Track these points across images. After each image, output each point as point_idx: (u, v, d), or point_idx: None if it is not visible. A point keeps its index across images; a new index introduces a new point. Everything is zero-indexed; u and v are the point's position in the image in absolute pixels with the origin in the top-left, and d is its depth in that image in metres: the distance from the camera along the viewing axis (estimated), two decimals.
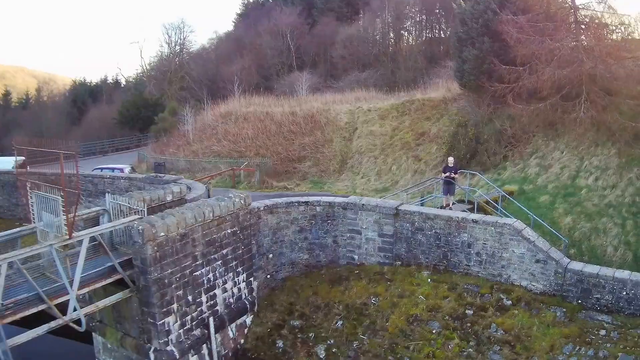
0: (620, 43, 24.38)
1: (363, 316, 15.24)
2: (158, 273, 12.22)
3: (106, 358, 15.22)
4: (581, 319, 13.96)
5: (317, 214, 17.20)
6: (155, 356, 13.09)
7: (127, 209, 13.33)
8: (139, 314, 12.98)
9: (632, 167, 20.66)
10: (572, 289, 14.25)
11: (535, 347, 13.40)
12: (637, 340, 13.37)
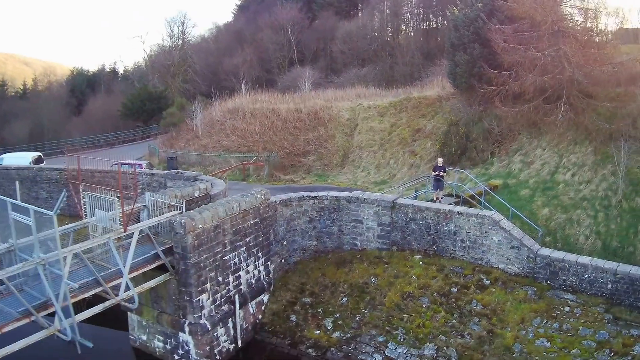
0: (599, 50, 26.75)
1: (364, 293, 17.87)
2: (196, 258, 14.73)
3: (140, 335, 17.72)
4: (549, 297, 16.50)
5: (324, 206, 19.76)
6: (190, 329, 15.62)
7: (164, 204, 15.74)
8: (176, 294, 15.47)
9: (606, 164, 22.92)
10: (541, 271, 16.81)
11: (509, 319, 15.98)
12: (596, 316, 15.90)
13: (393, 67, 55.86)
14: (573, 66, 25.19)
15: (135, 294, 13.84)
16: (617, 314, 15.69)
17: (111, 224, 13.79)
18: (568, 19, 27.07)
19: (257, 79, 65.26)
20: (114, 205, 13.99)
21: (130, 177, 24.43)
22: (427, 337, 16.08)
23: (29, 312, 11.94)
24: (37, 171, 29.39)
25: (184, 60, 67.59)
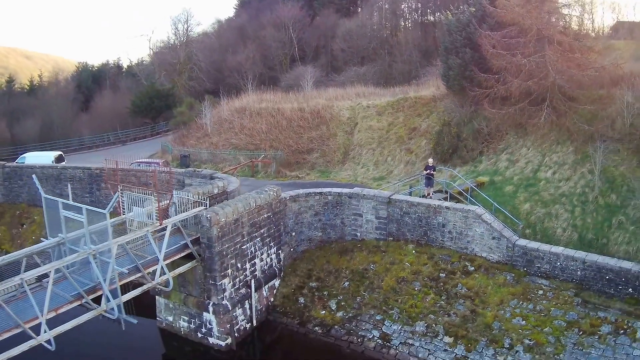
0: (582, 55, 28.86)
1: (364, 278, 20.30)
2: (220, 247, 17.09)
3: (167, 316, 20.11)
4: (525, 282, 18.87)
5: (328, 201, 22.14)
6: (214, 309, 18.00)
7: (189, 201, 18.03)
8: (202, 278, 17.84)
9: (585, 162, 25.10)
10: (519, 259, 19.17)
11: (490, 301, 18.37)
12: (567, 299, 18.23)
13: (392, 65, 57.81)
14: (556, 72, 27.45)
15: (170, 278, 16.20)
16: (585, 298, 17.99)
17: (146, 219, 16.06)
18: (553, 26, 29.11)
19: (259, 76, 67.21)
20: (145, 203, 16.29)
21: (150, 175, 26.74)
22: (419, 315, 18.52)
23: (80, 296, 14.26)
24: (61, 170, 31.48)
25: (189, 59, 69.44)
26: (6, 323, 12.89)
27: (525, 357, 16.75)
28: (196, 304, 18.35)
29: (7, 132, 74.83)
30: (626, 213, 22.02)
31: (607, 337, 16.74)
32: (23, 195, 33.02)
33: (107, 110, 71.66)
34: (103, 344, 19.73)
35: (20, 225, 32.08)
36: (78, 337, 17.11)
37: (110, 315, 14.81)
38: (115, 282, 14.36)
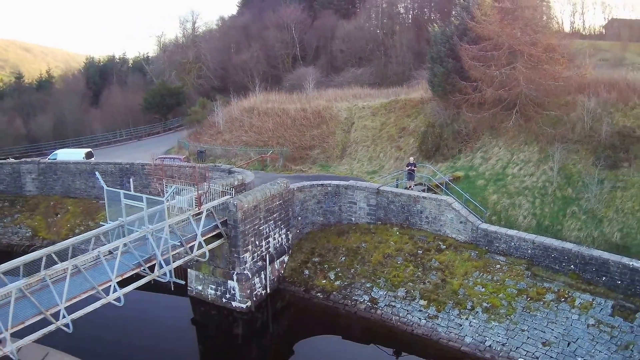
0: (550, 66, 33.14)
1: (357, 254, 24.93)
2: (243, 227, 21.66)
3: (197, 286, 24.66)
4: (486, 257, 23.41)
5: (329, 191, 26.75)
6: (237, 277, 22.58)
7: (216, 191, 22.50)
8: (228, 253, 22.39)
9: (547, 161, 29.42)
10: (481, 240, 23.73)
11: (456, 272, 22.95)
12: (519, 272, 22.61)
13: (387, 65, 62.15)
14: (526, 81, 31.86)
15: (207, 250, 20.76)
16: (534, 272, 22.45)
17: (186, 205, 20.51)
18: (524, 41, 33.39)
19: (263, 74, 71.49)
20: (182, 192, 20.75)
21: (175, 169, 31.22)
22: (400, 283, 23.16)
23: (139, 264, 18.75)
24: (93, 165, 35.33)
25: (198, 58, 73.60)
26: (84, 286, 17.26)
27: (483, 317, 21.33)
28: (222, 274, 22.91)
29: (23, 128, 77.18)
30: (579, 204, 26.39)
31: (551, 303, 21.09)
32: (57, 188, 36.61)
33: (119, 107, 74.90)
34: (142, 311, 24.30)
35: (55, 214, 35.50)
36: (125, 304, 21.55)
37: (161, 279, 19.32)
38: (167, 253, 18.88)
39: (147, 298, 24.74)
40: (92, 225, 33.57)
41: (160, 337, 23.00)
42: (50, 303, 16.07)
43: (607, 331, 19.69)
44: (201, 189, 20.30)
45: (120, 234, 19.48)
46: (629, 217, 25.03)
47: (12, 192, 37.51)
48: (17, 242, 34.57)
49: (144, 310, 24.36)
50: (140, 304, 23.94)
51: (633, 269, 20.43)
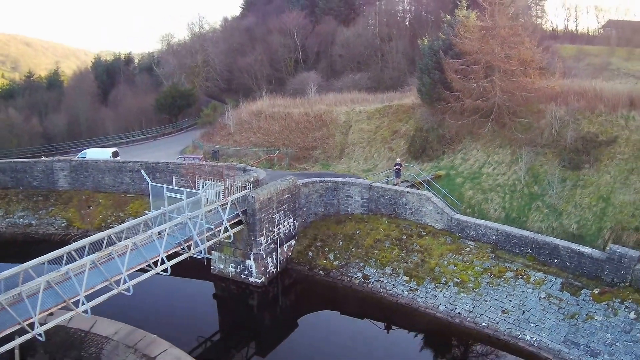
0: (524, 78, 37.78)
1: (352, 239, 29.91)
2: (259, 216, 26.57)
3: (219, 265, 29.54)
4: (458, 242, 28.26)
5: (329, 187, 31.68)
6: (254, 257, 27.49)
7: (237, 186, 27.35)
8: (247, 237, 27.29)
9: (518, 162, 34.03)
10: (455, 228, 28.64)
11: (434, 254, 27.85)
12: (485, 254, 27.21)
13: (383, 70, 66.85)
14: (502, 92, 36.62)
15: (232, 234, 25.68)
16: (497, 254, 27.20)
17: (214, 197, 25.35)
18: (499, 58, 38.09)
19: (267, 76, 76.21)
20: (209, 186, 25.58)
21: (197, 167, 36.02)
22: (387, 263, 28.12)
23: (179, 243, 23.61)
24: (122, 163, 39.83)
25: (205, 62, 78.29)
26: (139, 259, 22.07)
27: (454, 290, 26.21)
28: (242, 254, 27.84)
29: (40, 127, 79.96)
30: (543, 200, 31.15)
31: (510, 279, 25.82)
32: (87, 183, 40.84)
33: (132, 107, 78.21)
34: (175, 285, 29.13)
35: (87, 207, 39.67)
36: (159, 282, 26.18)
37: (197, 255, 24.22)
38: (202, 235, 23.81)
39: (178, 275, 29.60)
40: (122, 216, 38.48)
41: (188, 307, 27.81)
42: (114, 272, 20.89)
43: (556, 303, 24.16)
44: (226, 185, 25.15)
45: (162, 220, 24.31)
46: (586, 211, 29.62)
47: (46, 187, 41.68)
48: (54, 232, 38.78)
49: (176, 285, 29.15)
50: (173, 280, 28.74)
51: (579, 253, 24.84)
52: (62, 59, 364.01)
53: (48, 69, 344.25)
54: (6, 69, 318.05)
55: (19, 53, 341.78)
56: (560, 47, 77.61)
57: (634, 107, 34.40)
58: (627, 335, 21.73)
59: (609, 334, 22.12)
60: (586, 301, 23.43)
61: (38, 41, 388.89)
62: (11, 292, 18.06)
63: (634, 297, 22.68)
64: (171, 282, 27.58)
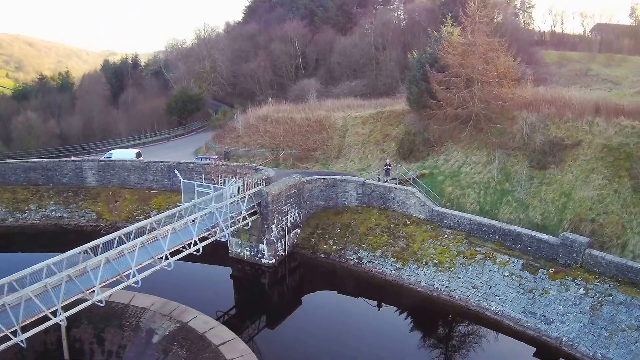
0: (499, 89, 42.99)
1: (349, 227, 35.35)
2: (271, 207, 31.96)
3: (236, 249, 34.87)
4: (438, 230, 33.62)
5: (329, 183, 37.10)
6: (266, 241, 32.86)
7: (251, 182, 32.69)
8: (260, 225, 32.64)
9: (492, 163, 39.17)
10: (435, 218, 34.05)
11: (416, 239, 33.26)
12: (460, 240, 32.57)
13: (377, 77, 72.04)
14: (480, 102, 41.96)
15: (250, 222, 31.02)
16: (470, 240, 32.52)
17: (234, 191, 30.65)
18: (478, 71, 43.37)
19: (270, 82, 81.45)
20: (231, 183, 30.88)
21: (213, 166, 41.27)
22: (378, 247, 33.55)
23: (208, 229, 28.90)
24: (146, 163, 44.72)
25: (213, 68, 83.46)
26: (176, 242, 27.27)
27: (433, 269, 31.55)
28: (256, 239, 33.19)
29: (57, 128, 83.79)
30: (513, 195, 36.43)
31: (480, 260, 31.10)
32: (114, 180, 45.28)
33: (144, 110, 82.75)
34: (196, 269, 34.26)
35: (115, 201, 44.12)
36: (185, 264, 31.19)
37: (221, 239, 29.57)
38: (226, 222, 29.16)
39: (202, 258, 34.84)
40: (146, 209, 43.50)
41: (209, 285, 33.18)
42: (158, 251, 26.11)
43: (517, 280, 29.24)
44: (244, 181, 30.52)
45: (192, 210, 29.56)
46: (549, 205, 34.80)
47: (75, 184, 45.98)
48: (85, 224, 43.08)
49: (199, 267, 34.17)
50: (197, 263, 33.92)
51: (538, 239, 29.91)
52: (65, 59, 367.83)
53: (51, 68, 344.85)
54: (10, 68, 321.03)
55: (22, 53, 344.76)
56: (544, 53, 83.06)
57: (599, 114, 39.25)
58: (577, 307, 26.49)
59: (561, 306, 26.90)
60: (542, 279, 28.35)
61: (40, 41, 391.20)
62: (77, 267, 22.91)
63: (583, 276, 27.35)
64: (195, 264, 32.54)
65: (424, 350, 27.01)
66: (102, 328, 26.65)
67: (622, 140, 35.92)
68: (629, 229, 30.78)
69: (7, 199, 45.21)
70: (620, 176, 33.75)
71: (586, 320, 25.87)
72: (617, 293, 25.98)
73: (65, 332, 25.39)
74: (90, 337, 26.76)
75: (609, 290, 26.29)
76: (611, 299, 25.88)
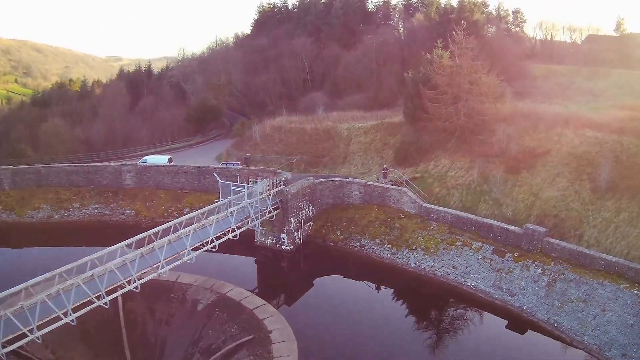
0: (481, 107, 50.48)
1: (353, 220, 43.03)
2: (291, 203, 39.63)
3: (260, 238, 42.32)
4: (426, 222, 41.00)
5: (336, 184, 44.85)
6: (286, 231, 40.45)
7: (273, 183, 40.26)
8: (281, 217, 40.23)
9: (474, 168, 46.55)
10: (424, 212, 41.55)
11: (408, 230, 40.79)
12: (443, 230, 39.82)
13: (378, 91, 78.91)
14: (464, 116, 49.51)
15: (274, 214, 38.61)
16: (452, 230, 39.69)
17: (261, 190, 38.21)
18: (464, 90, 50.84)
19: (279, 93, 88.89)
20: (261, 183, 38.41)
21: (237, 170, 48.83)
22: (377, 236, 41.16)
23: (243, 220, 36.39)
24: (179, 167, 51.81)
25: (228, 81, 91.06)
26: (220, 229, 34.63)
27: (421, 253, 38.95)
28: (277, 230, 40.71)
29: (83, 134, 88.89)
30: (490, 195, 43.40)
31: (459, 247, 38.35)
32: (150, 182, 51.07)
33: (164, 118, 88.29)
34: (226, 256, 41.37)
35: (151, 200, 49.93)
36: (217, 252, 38.72)
37: (253, 228, 37.21)
38: (257, 213, 36.77)
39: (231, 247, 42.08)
40: (179, 207, 50.56)
41: (237, 268, 40.47)
42: (206, 236, 33.50)
43: (488, 261, 36.42)
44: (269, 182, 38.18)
45: (228, 205, 37.02)
46: (520, 203, 41.77)
47: (114, 185, 51.48)
48: (125, 220, 48.58)
49: (229, 254, 41.00)
50: (227, 251, 40.45)
51: (506, 229, 36.91)
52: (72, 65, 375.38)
53: (59, 74, 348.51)
54: (19, 74, 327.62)
55: (30, 59, 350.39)
56: (533, 67, 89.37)
57: (567, 126, 46.21)
58: (535, 283, 33.17)
59: (522, 282, 33.44)
60: (509, 261, 35.22)
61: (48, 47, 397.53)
62: (148, 246, 29.83)
63: (542, 259, 33.93)
64: (225, 252, 37.99)
65: (413, 316, 34.67)
66: (153, 301, 31.54)
67: (586, 149, 42.76)
68: (585, 223, 37.47)
69: (52, 198, 50.22)
70: (582, 179, 40.40)
71: (542, 294, 32.28)
72: (568, 272, 32.64)
73: (121, 305, 30.38)
74: (143, 309, 31.63)
75: (562, 270, 32.96)
76: (563, 277, 32.51)
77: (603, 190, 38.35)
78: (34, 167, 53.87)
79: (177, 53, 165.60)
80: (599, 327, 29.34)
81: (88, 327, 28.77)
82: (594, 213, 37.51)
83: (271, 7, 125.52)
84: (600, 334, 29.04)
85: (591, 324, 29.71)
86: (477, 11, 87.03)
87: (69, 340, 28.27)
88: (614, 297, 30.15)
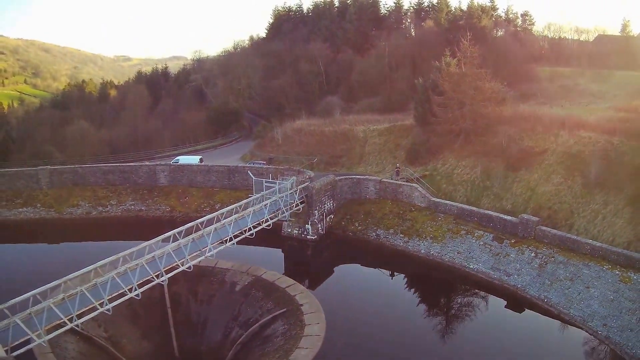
0: (484, 111, 55.42)
1: (369, 213, 48.33)
2: (315, 198, 44.94)
3: (287, 229, 47.47)
4: (434, 214, 46.14)
5: (354, 181, 50.16)
6: (311, 222, 45.77)
7: (298, 180, 45.57)
8: (306, 210, 45.53)
9: (477, 166, 51.65)
10: (432, 206, 46.68)
11: (419, 221, 45.93)
12: (449, 221, 44.87)
13: (391, 95, 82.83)
14: (469, 119, 54.56)
15: (301, 207, 43.96)
16: (457, 221, 44.72)
17: (289, 186, 43.50)
18: (469, 96, 55.67)
19: (296, 96, 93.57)
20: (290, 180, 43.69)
21: (264, 169, 54.11)
22: (391, 227, 46.36)
23: (274, 212, 41.61)
24: (210, 166, 56.65)
25: (247, 84, 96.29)
26: (255, 219, 39.89)
27: (430, 241, 43.98)
28: (302, 222, 45.97)
29: (108, 136, 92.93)
30: (491, 190, 48.68)
31: (463, 235, 43.21)
32: (183, 181, 54.41)
33: (186, 120, 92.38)
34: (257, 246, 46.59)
35: (185, 197, 53.33)
36: (249, 242, 43.95)
37: (283, 219, 42.56)
38: (287, 206, 42.11)
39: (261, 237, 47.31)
40: (211, 203, 55.16)
41: (267, 256, 45.65)
42: (244, 226, 38.77)
43: (489, 247, 41.16)
44: (296, 179, 43.51)
45: (261, 199, 42.32)
46: (518, 197, 46.91)
47: (149, 184, 54.39)
48: (161, 215, 51.84)
49: (259, 244, 45.52)
50: (258, 241, 45.36)
51: (504, 219, 41.40)
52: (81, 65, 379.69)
53: (68, 75, 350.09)
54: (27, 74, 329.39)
55: (38, 59, 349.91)
56: (539, 70, 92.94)
57: (564, 128, 50.79)
58: (529, 265, 37.74)
59: (518, 264, 37.51)
60: (506, 246, 39.65)
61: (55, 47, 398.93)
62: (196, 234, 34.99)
63: (535, 244, 37.91)
64: (257, 243, 39.62)
65: (423, 296, 39.78)
66: (195, 284, 34.58)
67: (580, 148, 47.07)
68: (576, 214, 42.16)
69: (89, 196, 53.26)
70: (574, 176, 44.79)
71: (535, 274, 36.26)
72: (558, 256, 37.07)
73: (167, 288, 32.57)
74: (186, 292, 34.65)
75: (553, 254, 37.37)
76: (553, 260, 36.99)
77: (593, 186, 42.70)
78: (71, 167, 56.99)
79: (192, 55, 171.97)
80: (583, 302, 33.76)
81: (137, 309, 31.80)
82: (583, 205, 41.51)
83: (286, 11, 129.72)
84: (584, 307, 33.42)
85: (576, 299, 34.17)
86: (486, 17, 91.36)
87: (120, 320, 31.09)
88: (597, 277, 34.52)
